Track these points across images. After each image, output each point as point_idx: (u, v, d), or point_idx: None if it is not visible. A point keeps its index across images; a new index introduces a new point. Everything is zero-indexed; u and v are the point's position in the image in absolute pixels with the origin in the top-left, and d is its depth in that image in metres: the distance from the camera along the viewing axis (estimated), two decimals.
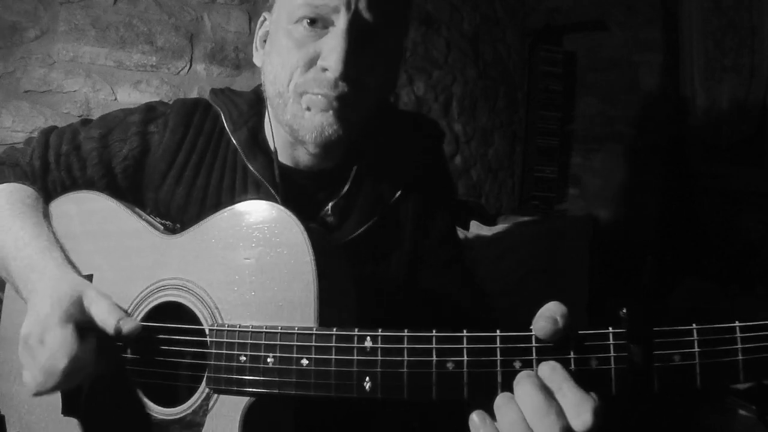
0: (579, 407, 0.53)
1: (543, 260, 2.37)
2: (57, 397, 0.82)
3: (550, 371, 0.56)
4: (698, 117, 2.56)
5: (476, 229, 2.43)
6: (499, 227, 2.47)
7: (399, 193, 0.96)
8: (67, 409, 0.82)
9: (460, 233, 2.29)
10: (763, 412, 1.66)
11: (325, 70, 0.79)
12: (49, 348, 0.71)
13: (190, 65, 2.32)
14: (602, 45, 2.95)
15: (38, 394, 0.74)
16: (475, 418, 0.57)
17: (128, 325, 0.73)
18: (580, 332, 0.56)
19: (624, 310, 0.55)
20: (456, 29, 2.98)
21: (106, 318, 0.74)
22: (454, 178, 1.14)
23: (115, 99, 2.20)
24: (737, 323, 0.52)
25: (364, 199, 0.94)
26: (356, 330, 0.63)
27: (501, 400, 0.57)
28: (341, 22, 0.78)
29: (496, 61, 3.14)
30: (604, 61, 2.95)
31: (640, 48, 2.75)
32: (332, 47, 0.78)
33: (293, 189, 0.92)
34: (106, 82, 2.18)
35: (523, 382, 0.56)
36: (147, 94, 2.24)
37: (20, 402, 0.88)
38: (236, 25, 2.38)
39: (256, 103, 0.97)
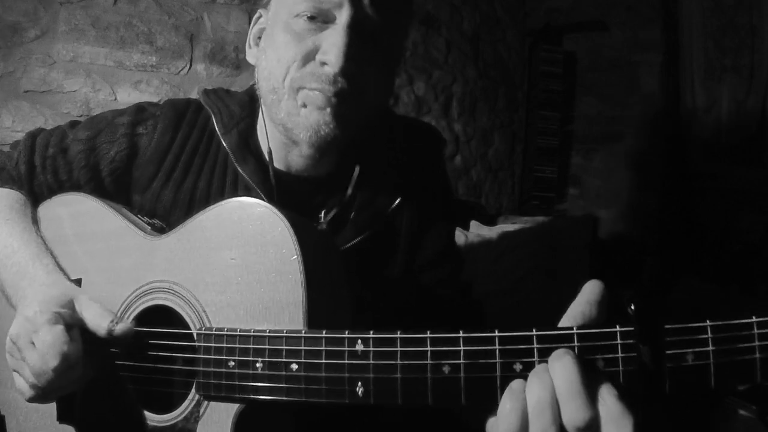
0: (619, 421, 0.48)
1: (543, 260, 2.37)
2: (52, 404, 0.81)
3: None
4: (698, 117, 2.56)
5: (476, 229, 2.43)
6: (499, 227, 2.46)
7: (396, 203, 0.93)
8: (62, 417, 0.81)
9: (460, 233, 2.29)
10: (763, 412, 1.65)
11: (324, 64, 0.77)
12: (39, 348, 0.70)
13: (190, 65, 2.32)
14: (602, 45, 2.94)
15: (32, 399, 0.74)
16: (514, 385, 0.53)
17: (120, 327, 0.73)
18: (583, 330, 0.52)
19: (632, 307, 0.50)
20: (456, 29, 2.98)
21: (98, 321, 0.73)
22: (452, 187, 1.10)
23: (115, 99, 2.20)
24: (754, 318, 0.47)
25: (360, 209, 0.91)
26: (347, 332, 0.60)
27: (538, 367, 0.52)
28: (344, 17, 0.76)
29: (496, 61, 3.14)
30: (604, 61, 2.95)
31: (640, 48, 2.75)
32: (333, 42, 0.76)
33: (285, 195, 0.89)
34: (106, 82, 2.18)
35: (562, 354, 0.51)
36: (147, 94, 2.24)
37: (17, 408, 0.87)
38: (236, 25, 2.39)
39: (248, 104, 0.94)
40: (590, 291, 0.54)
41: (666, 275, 2.49)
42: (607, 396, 0.49)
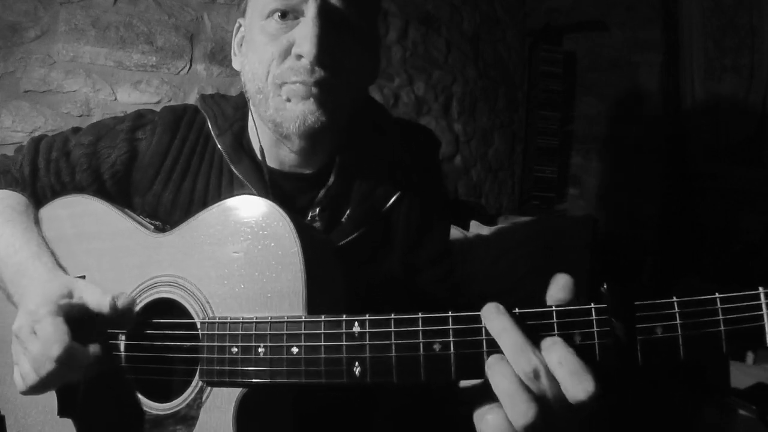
0: (580, 375, 0.53)
1: (543, 260, 2.37)
2: (53, 399, 0.82)
3: (551, 343, 0.55)
4: (698, 117, 2.56)
5: (476, 229, 2.43)
6: (499, 227, 2.47)
7: (391, 201, 0.96)
8: (63, 410, 0.82)
9: (460, 233, 2.30)
10: (763, 412, 1.66)
11: (300, 57, 0.80)
12: (41, 337, 0.71)
13: (190, 65, 2.32)
14: (602, 45, 2.95)
15: (28, 391, 0.74)
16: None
17: (123, 300, 0.75)
18: (562, 308, 0.58)
19: (604, 286, 0.55)
20: (456, 29, 2.99)
21: (100, 299, 0.76)
22: (447, 189, 1.13)
23: (115, 99, 2.20)
24: (717, 295, 0.53)
25: (355, 207, 0.94)
26: (344, 316, 0.64)
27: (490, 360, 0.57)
28: (311, 9, 0.79)
29: (496, 61, 3.14)
30: (604, 61, 2.96)
31: (640, 48, 2.75)
32: (304, 34, 0.79)
33: (279, 192, 0.93)
34: (106, 82, 2.18)
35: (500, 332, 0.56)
36: (147, 94, 2.24)
37: (16, 405, 0.88)
38: None
39: (242, 106, 0.98)
40: (558, 281, 0.59)
41: (666, 275, 2.49)
42: (563, 354, 0.54)
